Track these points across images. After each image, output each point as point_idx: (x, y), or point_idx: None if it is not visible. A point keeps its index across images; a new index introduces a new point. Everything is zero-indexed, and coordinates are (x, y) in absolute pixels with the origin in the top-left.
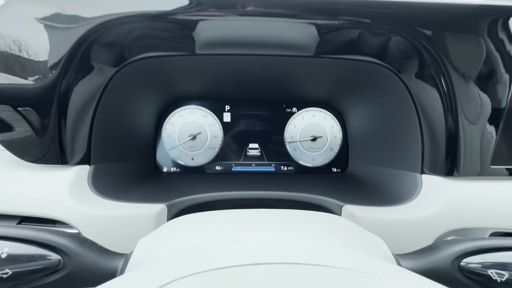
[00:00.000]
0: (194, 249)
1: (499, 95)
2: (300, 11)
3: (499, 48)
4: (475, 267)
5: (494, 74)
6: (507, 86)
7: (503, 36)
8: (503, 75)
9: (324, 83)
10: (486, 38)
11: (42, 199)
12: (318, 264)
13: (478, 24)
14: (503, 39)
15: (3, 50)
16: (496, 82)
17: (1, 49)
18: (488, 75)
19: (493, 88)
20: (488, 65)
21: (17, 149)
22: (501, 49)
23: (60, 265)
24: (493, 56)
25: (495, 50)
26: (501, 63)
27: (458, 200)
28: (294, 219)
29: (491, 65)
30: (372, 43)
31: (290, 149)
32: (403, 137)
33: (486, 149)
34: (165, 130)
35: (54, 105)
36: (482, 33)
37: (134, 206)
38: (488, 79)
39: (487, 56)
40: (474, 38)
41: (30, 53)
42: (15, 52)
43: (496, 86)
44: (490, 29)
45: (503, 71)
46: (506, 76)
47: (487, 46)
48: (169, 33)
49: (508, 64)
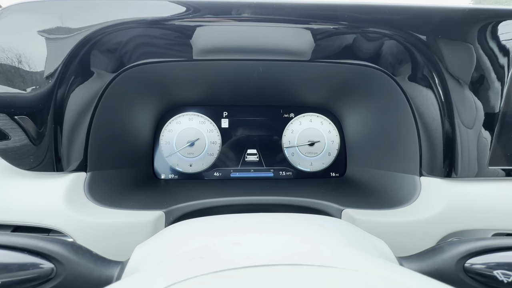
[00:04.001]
0: (193, 253)
1: (493, 98)
2: (296, 17)
3: (490, 52)
4: (480, 268)
5: (487, 78)
6: (500, 89)
7: (494, 41)
8: (495, 79)
9: (321, 88)
10: (477, 43)
11: (36, 207)
12: (321, 265)
13: (469, 29)
14: (494, 44)
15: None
16: (490, 85)
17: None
18: (481, 79)
19: (487, 91)
20: (480, 69)
21: (12, 157)
22: (492, 53)
23: (53, 273)
24: (485, 61)
25: (486, 55)
26: (493, 67)
27: (458, 201)
28: (295, 222)
29: (484, 69)
30: (367, 47)
31: (288, 154)
32: (401, 140)
33: (483, 150)
34: (163, 137)
35: (50, 113)
36: (473, 38)
37: (131, 213)
38: (481, 82)
39: (479, 60)
40: (465, 43)
41: (26, 61)
42: (10, 61)
43: (489, 89)
44: (481, 34)
45: (495, 75)
46: (498, 80)
47: (477, 51)
48: (166, 39)
49: (500, 68)
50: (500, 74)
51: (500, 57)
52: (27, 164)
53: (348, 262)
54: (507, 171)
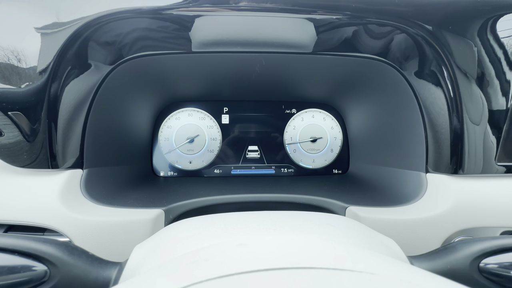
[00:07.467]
0: (196, 255)
1: (502, 93)
2: (297, 6)
3: (500, 46)
4: (496, 268)
5: (496, 73)
6: (510, 84)
7: (501, 35)
8: (505, 74)
9: (324, 83)
10: (487, 36)
11: (30, 205)
12: (337, 268)
13: (480, 21)
14: (501, 38)
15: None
16: (499, 80)
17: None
18: (490, 74)
19: (496, 86)
20: (489, 64)
21: (6, 154)
22: (503, 47)
23: (46, 276)
24: (494, 55)
25: (496, 49)
26: (503, 62)
27: (466, 198)
28: (302, 221)
29: (493, 64)
30: (374, 40)
31: (290, 151)
32: (406, 136)
33: (491, 146)
34: (162, 133)
35: (44, 108)
36: (481, 32)
37: (130, 212)
38: (490, 77)
39: (488, 55)
40: (475, 36)
41: (18, 55)
42: (2, 55)
43: (498, 84)
44: (488, 27)
45: (505, 70)
46: (507, 75)
47: (487, 45)
48: (164, 31)
49: (509, 63)
50: (510, 68)
51: (510, 51)
52: (21, 161)
53: (365, 265)
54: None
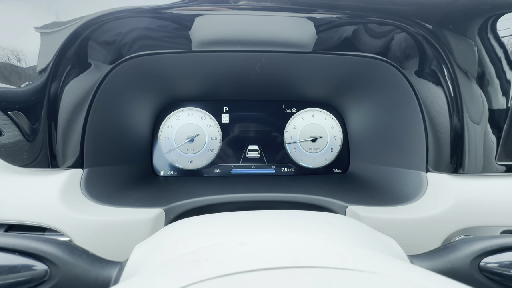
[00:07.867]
0: (196, 254)
1: (503, 92)
2: (297, 5)
3: (501, 45)
4: (497, 267)
5: (497, 72)
6: (510, 83)
7: (501, 34)
8: (505, 73)
9: (324, 82)
10: (485, 35)
11: (30, 205)
12: (339, 267)
13: (477, 22)
14: (501, 37)
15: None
16: (499, 80)
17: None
18: (490, 73)
19: (496, 85)
20: (490, 63)
21: (6, 154)
22: (503, 46)
23: (47, 276)
24: (495, 54)
25: (496, 48)
26: (503, 61)
27: (466, 197)
28: (303, 220)
29: (493, 63)
30: (374, 39)
31: (290, 150)
32: (407, 135)
33: (491, 145)
34: (162, 133)
35: (44, 107)
36: (481, 31)
37: (130, 211)
38: (491, 76)
39: (489, 54)
40: (475, 35)
41: (17, 55)
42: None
43: (498, 83)
44: (489, 26)
45: (505, 69)
46: (508, 74)
47: (487, 44)
48: (164, 30)
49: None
50: (510, 67)
51: (511, 50)
52: (21, 160)
53: (366, 264)
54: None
